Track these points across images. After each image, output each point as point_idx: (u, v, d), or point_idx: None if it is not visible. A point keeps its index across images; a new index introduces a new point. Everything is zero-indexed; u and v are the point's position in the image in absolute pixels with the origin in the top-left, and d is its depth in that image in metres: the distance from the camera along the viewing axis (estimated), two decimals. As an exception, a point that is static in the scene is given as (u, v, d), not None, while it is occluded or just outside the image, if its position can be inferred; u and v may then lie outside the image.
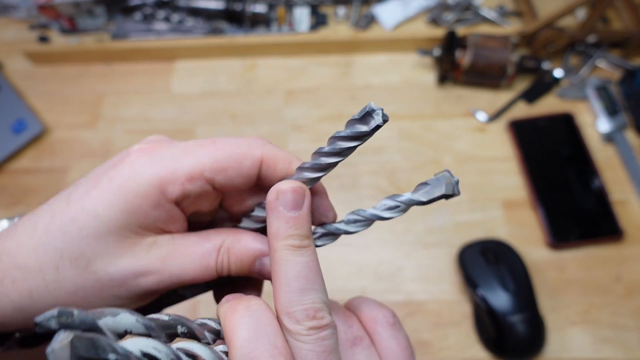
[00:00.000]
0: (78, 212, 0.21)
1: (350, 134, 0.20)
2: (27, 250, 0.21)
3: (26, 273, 0.21)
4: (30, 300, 0.21)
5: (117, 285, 0.22)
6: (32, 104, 0.67)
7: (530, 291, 0.49)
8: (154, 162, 0.21)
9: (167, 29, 0.70)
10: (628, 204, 0.55)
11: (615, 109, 0.60)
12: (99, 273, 0.21)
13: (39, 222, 0.22)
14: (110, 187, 0.21)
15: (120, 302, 0.22)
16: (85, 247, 0.21)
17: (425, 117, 0.63)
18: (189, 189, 0.22)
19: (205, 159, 0.22)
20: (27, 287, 0.21)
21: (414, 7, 0.69)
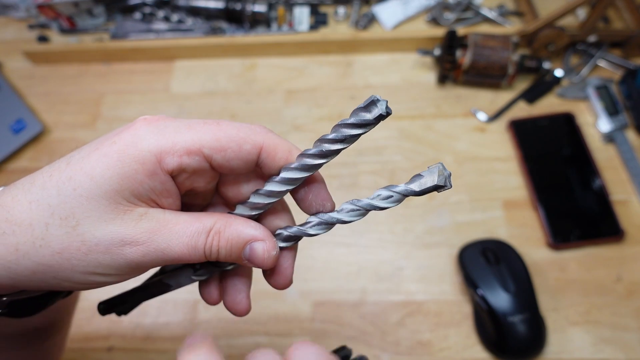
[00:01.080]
0: (76, 171, 0.21)
1: (354, 121, 0.21)
2: (21, 204, 0.21)
3: (16, 227, 0.21)
4: (16, 256, 0.21)
5: (102, 250, 0.22)
6: (32, 104, 0.67)
7: (530, 291, 0.48)
8: (156, 132, 0.22)
9: (167, 29, 0.70)
10: (629, 204, 0.55)
11: (616, 109, 0.60)
12: (86, 235, 0.21)
13: (37, 179, 0.22)
14: (110, 151, 0.21)
15: (103, 270, 0.22)
16: (77, 206, 0.21)
17: (425, 116, 0.63)
18: (187, 163, 0.22)
19: (207, 136, 0.22)
20: (15, 241, 0.21)
21: (414, 6, 0.69)
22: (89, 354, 0.50)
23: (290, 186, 0.24)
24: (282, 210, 0.27)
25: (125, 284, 0.26)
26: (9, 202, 0.22)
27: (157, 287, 0.31)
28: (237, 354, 0.50)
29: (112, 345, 0.51)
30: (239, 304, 0.27)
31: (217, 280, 0.28)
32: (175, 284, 0.30)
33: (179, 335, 0.51)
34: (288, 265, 0.26)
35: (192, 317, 0.52)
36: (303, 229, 0.25)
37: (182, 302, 0.53)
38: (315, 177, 0.25)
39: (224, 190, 0.26)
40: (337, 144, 0.22)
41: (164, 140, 0.21)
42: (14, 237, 0.21)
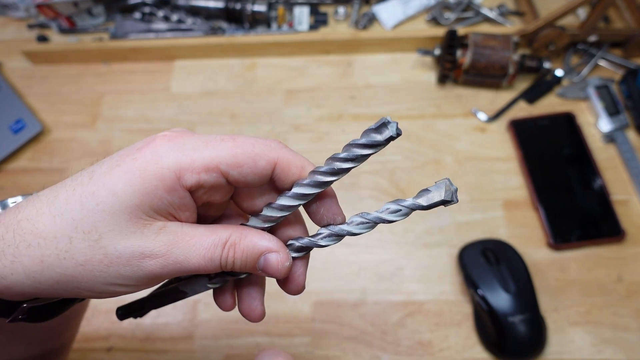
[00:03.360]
0: (99, 187, 0.22)
1: (365, 142, 0.22)
2: (45, 217, 0.22)
3: (41, 240, 0.22)
4: (40, 267, 0.22)
5: (123, 263, 0.23)
6: (31, 104, 0.67)
7: (531, 292, 0.48)
8: (175, 149, 0.22)
9: (167, 29, 0.70)
10: (629, 204, 0.55)
11: (616, 109, 0.60)
12: (108, 248, 0.22)
13: (61, 192, 0.23)
14: (132, 167, 0.22)
15: (123, 281, 0.23)
16: (100, 221, 0.22)
17: (425, 116, 0.63)
18: (204, 179, 0.23)
19: (224, 153, 0.23)
20: (40, 254, 0.22)
21: (414, 6, 0.69)
22: (89, 354, 0.50)
23: (302, 201, 0.25)
24: (295, 222, 0.28)
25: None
26: (34, 215, 0.22)
27: (173, 295, 0.32)
28: (237, 354, 0.50)
29: (112, 345, 0.51)
30: (254, 310, 0.28)
31: (231, 288, 0.29)
32: (191, 291, 0.31)
33: (178, 336, 0.51)
34: (300, 273, 0.27)
35: (192, 317, 0.52)
36: (314, 240, 0.26)
37: (181, 302, 0.52)
38: (327, 192, 0.26)
39: (238, 201, 0.26)
40: (347, 162, 0.23)
41: (183, 157, 0.22)
42: (39, 249, 0.22)
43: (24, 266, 0.22)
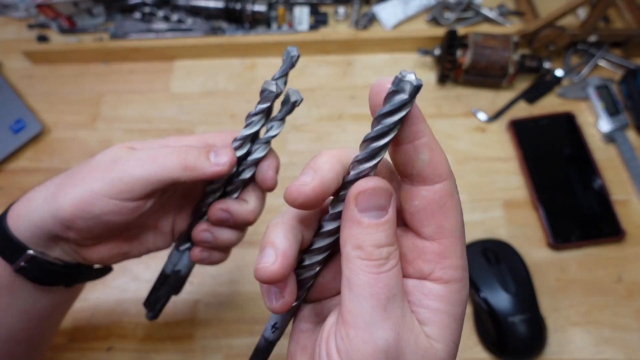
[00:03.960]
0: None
1: (391, 107, 0.19)
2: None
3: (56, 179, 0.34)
4: (63, 193, 0.32)
5: (140, 165, 0.31)
6: (31, 104, 0.67)
7: (531, 292, 0.48)
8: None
9: (167, 28, 0.69)
10: (629, 204, 0.55)
11: (616, 109, 0.60)
12: (124, 162, 0.31)
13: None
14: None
15: (99, 220, 0.31)
16: (117, 153, 0.32)
17: (425, 116, 0.62)
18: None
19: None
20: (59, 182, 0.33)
21: (414, 6, 0.69)
22: (89, 354, 0.50)
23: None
24: None
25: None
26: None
27: (167, 280, 0.37)
28: (237, 353, 0.50)
29: (112, 345, 0.51)
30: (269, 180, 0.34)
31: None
32: (172, 268, 0.37)
33: (178, 335, 0.51)
34: (268, 167, 0.34)
35: (192, 317, 0.52)
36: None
37: (182, 302, 0.52)
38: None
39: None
40: (382, 138, 0.20)
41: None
42: (55, 184, 0.34)
43: (50, 194, 0.32)
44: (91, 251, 0.34)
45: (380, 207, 0.20)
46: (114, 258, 0.36)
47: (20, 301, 0.34)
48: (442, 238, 0.21)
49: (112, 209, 0.31)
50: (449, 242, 0.21)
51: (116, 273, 0.54)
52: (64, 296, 0.37)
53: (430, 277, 0.21)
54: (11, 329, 0.34)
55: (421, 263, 0.21)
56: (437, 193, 0.21)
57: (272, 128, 0.33)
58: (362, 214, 0.20)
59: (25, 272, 0.32)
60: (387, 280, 0.20)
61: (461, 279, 0.21)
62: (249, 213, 0.34)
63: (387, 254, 0.20)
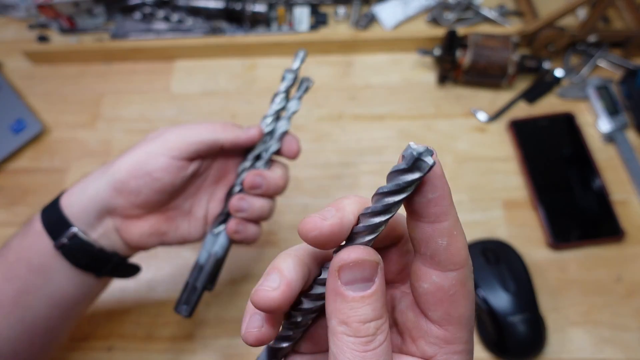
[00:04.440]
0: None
1: (396, 187, 0.18)
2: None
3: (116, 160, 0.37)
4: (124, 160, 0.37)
5: (174, 139, 0.37)
6: (31, 104, 0.67)
7: (530, 291, 0.48)
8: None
9: (167, 29, 0.70)
10: (629, 204, 0.55)
11: (616, 109, 0.60)
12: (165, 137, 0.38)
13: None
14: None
15: (150, 178, 0.36)
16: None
17: (425, 117, 0.63)
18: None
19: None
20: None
21: (414, 6, 0.69)
22: (89, 354, 0.50)
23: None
24: None
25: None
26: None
27: (203, 270, 0.40)
28: (237, 353, 0.50)
29: (112, 345, 0.51)
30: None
31: None
32: (207, 254, 0.40)
33: (178, 335, 0.51)
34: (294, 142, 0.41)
35: (192, 317, 0.52)
36: None
37: (182, 302, 0.52)
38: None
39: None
40: (381, 215, 0.19)
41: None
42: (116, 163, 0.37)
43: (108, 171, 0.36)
44: (134, 226, 0.38)
45: (365, 279, 0.19)
46: (152, 237, 0.39)
47: (51, 285, 0.36)
48: (448, 325, 0.20)
49: (162, 166, 0.36)
50: (455, 330, 0.20)
51: (116, 273, 0.54)
52: (91, 288, 0.39)
53: (434, 359, 0.20)
54: (37, 313, 0.36)
55: (424, 344, 0.21)
56: (449, 281, 0.19)
57: (292, 106, 0.41)
58: (346, 286, 0.19)
59: (64, 250, 0.35)
60: (375, 358, 0.19)
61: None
62: (279, 178, 0.40)
63: (375, 330, 0.19)
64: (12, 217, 0.58)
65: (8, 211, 0.59)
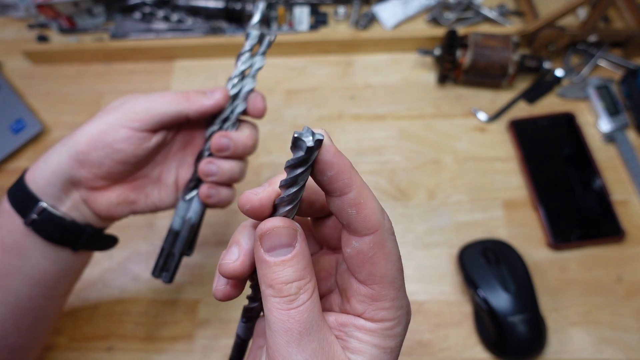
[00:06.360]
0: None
1: (292, 162, 0.20)
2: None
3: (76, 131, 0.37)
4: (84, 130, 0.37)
5: (140, 103, 0.36)
6: (31, 104, 0.67)
7: (531, 292, 0.48)
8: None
9: (167, 28, 0.70)
10: (629, 204, 0.55)
11: (616, 109, 0.60)
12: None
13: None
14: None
15: (111, 149, 0.35)
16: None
17: (425, 116, 0.63)
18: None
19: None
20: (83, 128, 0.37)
21: (414, 6, 0.69)
22: (89, 354, 0.50)
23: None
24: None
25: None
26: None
27: (178, 236, 0.39)
28: (237, 354, 0.50)
29: (112, 345, 0.51)
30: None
31: None
32: (181, 220, 0.39)
33: (178, 335, 0.51)
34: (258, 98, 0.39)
35: (192, 317, 0.52)
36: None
37: (181, 302, 0.52)
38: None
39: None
40: (292, 187, 0.21)
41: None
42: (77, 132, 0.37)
43: (70, 140, 0.36)
44: (101, 196, 0.37)
45: (284, 245, 0.21)
46: (121, 207, 0.38)
47: (27, 264, 0.35)
48: (373, 284, 0.22)
49: (123, 137, 0.34)
50: (380, 288, 0.22)
51: (116, 273, 0.54)
52: (69, 264, 0.38)
53: (363, 316, 0.22)
54: (19, 294, 0.36)
55: (355, 302, 0.22)
56: (366, 244, 0.21)
57: (256, 63, 0.39)
58: (268, 253, 0.21)
59: (35, 226, 0.34)
60: (299, 316, 0.21)
61: (394, 317, 0.22)
62: (247, 138, 0.39)
63: (297, 289, 0.21)
64: (12, 217, 0.58)
65: (8, 211, 0.59)
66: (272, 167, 0.60)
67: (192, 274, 0.54)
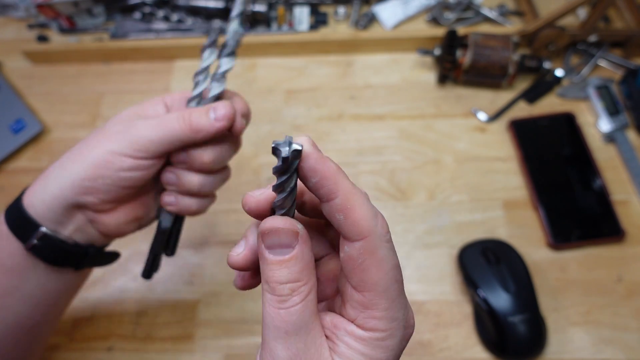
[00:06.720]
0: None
1: (275, 169, 0.21)
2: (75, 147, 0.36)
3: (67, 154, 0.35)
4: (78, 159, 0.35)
5: (139, 126, 0.34)
6: (31, 104, 0.67)
7: (531, 292, 0.48)
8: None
9: (167, 28, 0.69)
10: (629, 204, 0.55)
11: (616, 109, 0.60)
12: (106, 154, 0.33)
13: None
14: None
15: (124, 150, 0.34)
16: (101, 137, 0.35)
17: (425, 116, 0.63)
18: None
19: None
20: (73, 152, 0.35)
21: (414, 6, 0.69)
22: (89, 354, 0.50)
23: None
24: None
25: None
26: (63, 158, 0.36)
27: (157, 238, 0.40)
28: (237, 354, 0.50)
29: (112, 345, 0.51)
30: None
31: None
32: (163, 221, 0.39)
33: (178, 335, 0.51)
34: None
35: (192, 317, 0.52)
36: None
37: (182, 302, 0.52)
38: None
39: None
40: (281, 192, 0.22)
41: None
42: (66, 157, 0.35)
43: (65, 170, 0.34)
44: (108, 217, 0.36)
45: (284, 245, 0.21)
46: (129, 225, 0.38)
47: (29, 284, 0.35)
48: (364, 291, 0.21)
49: (129, 166, 0.34)
50: (372, 296, 0.21)
51: (116, 273, 0.54)
52: (71, 281, 0.38)
53: (355, 322, 0.22)
54: (18, 314, 0.35)
55: (349, 308, 0.22)
56: (356, 251, 0.21)
57: (223, 64, 0.36)
58: (268, 250, 0.22)
59: (36, 251, 0.34)
60: (287, 317, 0.21)
61: (386, 329, 0.22)
62: (202, 154, 0.36)
63: (290, 291, 0.21)
64: (12, 217, 0.58)
65: (8, 211, 0.59)
66: (272, 167, 0.60)
67: (192, 274, 0.54)
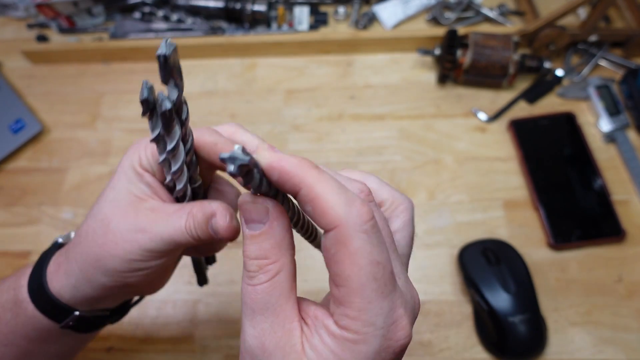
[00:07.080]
0: (105, 188, 0.29)
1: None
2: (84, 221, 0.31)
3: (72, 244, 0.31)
4: (80, 259, 0.30)
5: (126, 239, 0.28)
6: (31, 104, 0.67)
7: (531, 292, 0.48)
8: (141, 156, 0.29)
9: (166, 28, 0.69)
10: (630, 204, 0.55)
11: (617, 109, 0.60)
12: (115, 229, 0.28)
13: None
14: (121, 169, 0.29)
15: (133, 256, 0.28)
16: (107, 209, 0.28)
17: (425, 116, 0.63)
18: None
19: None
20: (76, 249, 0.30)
21: (414, 5, 0.69)
22: (88, 354, 0.50)
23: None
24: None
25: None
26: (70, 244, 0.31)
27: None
28: (237, 354, 0.50)
29: (111, 345, 0.51)
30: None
31: None
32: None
33: (178, 336, 0.51)
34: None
35: (192, 317, 0.52)
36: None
37: (181, 302, 0.52)
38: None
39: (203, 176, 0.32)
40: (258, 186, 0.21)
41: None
42: (73, 248, 0.30)
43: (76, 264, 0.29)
44: (151, 288, 0.35)
45: (255, 220, 0.21)
46: (164, 279, 0.36)
47: (56, 347, 0.34)
48: (339, 285, 0.20)
49: (148, 265, 0.30)
50: (346, 292, 0.20)
51: (116, 273, 0.54)
52: (94, 334, 0.37)
53: (333, 317, 0.21)
54: None
55: (331, 301, 0.21)
56: (329, 241, 0.20)
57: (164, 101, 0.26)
58: (245, 225, 0.22)
59: (72, 328, 0.32)
60: (254, 294, 0.21)
61: (358, 331, 0.20)
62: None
63: (257, 268, 0.21)
64: (12, 217, 0.58)
65: (7, 211, 0.59)
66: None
67: (192, 274, 0.54)
